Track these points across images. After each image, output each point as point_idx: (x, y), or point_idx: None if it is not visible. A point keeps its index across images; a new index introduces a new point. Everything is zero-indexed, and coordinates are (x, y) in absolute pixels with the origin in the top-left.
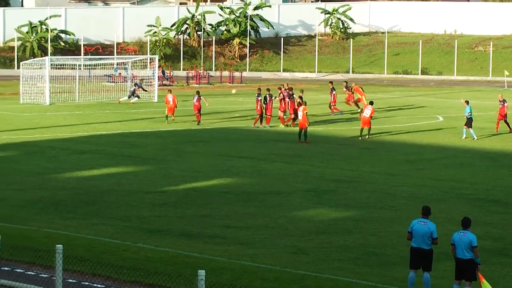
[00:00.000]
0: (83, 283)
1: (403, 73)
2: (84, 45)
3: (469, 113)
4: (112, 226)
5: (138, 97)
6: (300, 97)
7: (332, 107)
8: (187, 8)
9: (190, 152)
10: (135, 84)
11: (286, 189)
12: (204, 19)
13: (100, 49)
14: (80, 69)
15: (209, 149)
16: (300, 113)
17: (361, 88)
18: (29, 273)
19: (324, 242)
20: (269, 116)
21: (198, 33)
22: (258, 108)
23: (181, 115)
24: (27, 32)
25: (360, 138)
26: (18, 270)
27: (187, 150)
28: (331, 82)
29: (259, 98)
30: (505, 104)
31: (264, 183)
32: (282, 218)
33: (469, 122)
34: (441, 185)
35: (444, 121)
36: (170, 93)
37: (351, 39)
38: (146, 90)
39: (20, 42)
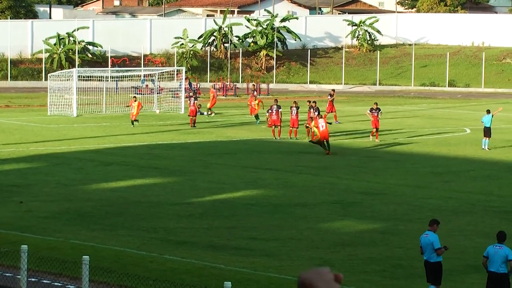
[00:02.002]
0: None
1: (430, 85)
2: (111, 57)
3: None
4: (139, 237)
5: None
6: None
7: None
8: (214, 20)
9: (217, 164)
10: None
11: (312, 201)
12: (231, 31)
13: (127, 61)
14: (107, 81)
15: (236, 161)
16: (323, 124)
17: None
18: (56, 284)
19: (350, 254)
20: (296, 129)
21: (225, 45)
22: (276, 118)
23: (207, 127)
24: (54, 44)
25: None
26: (45, 281)
27: (214, 162)
28: (333, 90)
29: (280, 110)
30: None
31: (290, 195)
32: (308, 230)
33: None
34: (468, 198)
35: (471, 134)
36: (135, 100)
37: (378, 51)
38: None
39: (48, 54)
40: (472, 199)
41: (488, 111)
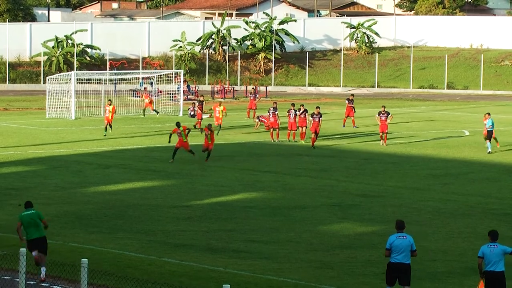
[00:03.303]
0: None
1: (429, 87)
2: (109, 59)
3: (490, 126)
4: (137, 240)
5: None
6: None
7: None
8: (212, 23)
9: (215, 166)
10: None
11: (311, 203)
12: (230, 34)
13: (125, 64)
14: (106, 83)
15: (234, 163)
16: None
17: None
18: (54, 287)
19: (349, 256)
20: (294, 131)
21: (223, 47)
22: (274, 121)
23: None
24: (53, 47)
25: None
26: (43, 284)
27: (212, 164)
28: (352, 95)
29: (277, 112)
30: None
31: (289, 197)
32: (307, 232)
33: (488, 135)
34: (467, 200)
35: (470, 136)
36: (110, 104)
37: (377, 54)
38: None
39: (46, 57)
40: (471, 202)
41: (489, 114)
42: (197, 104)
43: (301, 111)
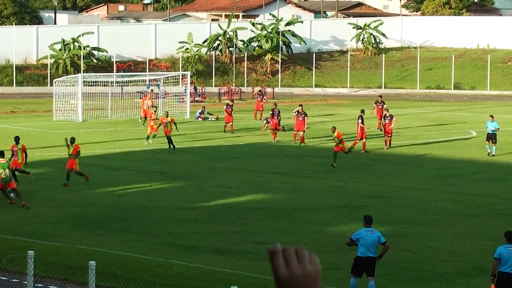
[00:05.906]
0: None
1: (436, 88)
2: (116, 62)
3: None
4: (145, 242)
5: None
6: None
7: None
8: (219, 25)
9: (222, 168)
10: (201, 113)
11: (319, 204)
12: (236, 35)
13: (132, 66)
14: (113, 86)
15: (241, 165)
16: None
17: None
18: None
19: None
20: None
21: (230, 49)
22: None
23: (212, 131)
24: (60, 50)
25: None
26: (51, 287)
27: (219, 166)
28: (380, 96)
29: (280, 114)
30: None
31: (296, 198)
32: (315, 234)
33: (489, 137)
34: (474, 200)
35: (477, 136)
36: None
37: (383, 54)
38: (211, 115)
39: (53, 60)
40: (478, 202)
41: (492, 117)
42: (224, 107)
43: (300, 114)
